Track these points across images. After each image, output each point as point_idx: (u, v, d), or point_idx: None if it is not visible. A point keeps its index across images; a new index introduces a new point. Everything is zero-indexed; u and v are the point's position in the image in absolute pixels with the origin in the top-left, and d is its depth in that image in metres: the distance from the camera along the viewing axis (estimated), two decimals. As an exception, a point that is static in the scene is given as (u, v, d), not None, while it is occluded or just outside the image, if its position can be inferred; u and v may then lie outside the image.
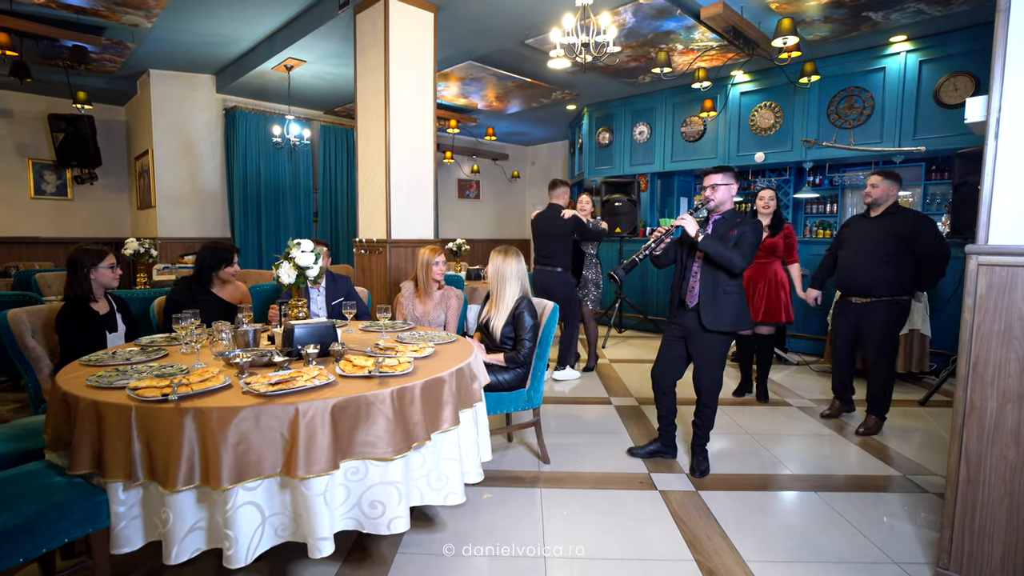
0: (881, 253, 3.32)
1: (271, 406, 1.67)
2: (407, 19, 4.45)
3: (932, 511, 2.51)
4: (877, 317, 3.38)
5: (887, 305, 3.36)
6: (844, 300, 3.60)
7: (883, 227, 3.36)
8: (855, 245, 3.47)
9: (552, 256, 4.52)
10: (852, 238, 3.51)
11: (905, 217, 3.34)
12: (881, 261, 3.33)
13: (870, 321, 3.41)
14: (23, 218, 7.59)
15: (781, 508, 2.56)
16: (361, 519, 1.86)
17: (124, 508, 1.71)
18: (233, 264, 3.12)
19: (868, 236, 3.41)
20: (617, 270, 2.78)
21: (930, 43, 5.24)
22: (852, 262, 3.46)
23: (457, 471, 2.08)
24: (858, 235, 3.48)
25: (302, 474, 1.66)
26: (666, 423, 3.07)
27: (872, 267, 3.35)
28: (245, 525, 1.67)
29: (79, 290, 2.61)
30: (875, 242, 3.35)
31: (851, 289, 3.49)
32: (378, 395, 1.81)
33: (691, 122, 7.11)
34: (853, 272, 3.45)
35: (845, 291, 3.57)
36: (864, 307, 3.43)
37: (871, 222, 3.44)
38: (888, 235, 3.32)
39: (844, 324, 3.59)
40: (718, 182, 2.79)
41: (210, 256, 3.06)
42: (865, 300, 3.42)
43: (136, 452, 1.64)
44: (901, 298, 3.37)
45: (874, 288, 3.36)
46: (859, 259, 3.42)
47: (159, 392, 1.69)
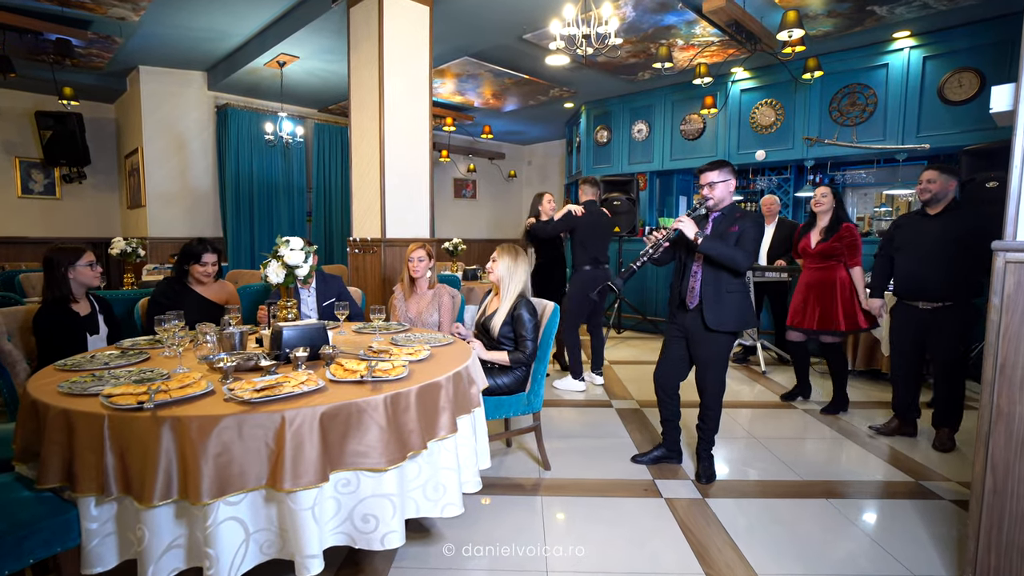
0: (954, 252, 3.05)
1: (255, 414, 1.56)
2: (402, 13, 4.34)
3: (951, 520, 2.42)
4: (952, 321, 3.11)
5: (962, 308, 3.11)
6: (904, 306, 3.31)
7: (944, 226, 3.11)
8: (921, 246, 3.17)
9: (606, 255, 4.45)
10: (913, 239, 3.22)
11: (969, 214, 3.12)
12: (950, 262, 3.06)
13: (943, 326, 3.13)
14: (10, 217, 7.43)
15: (792, 516, 2.46)
16: (353, 534, 1.74)
17: (96, 525, 1.59)
18: (203, 264, 2.98)
19: (933, 235, 3.13)
20: (616, 280, 2.67)
21: (934, 39, 5.16)
22: (918, 265, 3.17)
23: (455, 481, 1.97)
24: (919, 235, 3.20)
25: (289, 487, 1.55)
26: (670, 427, 2.96)
27: (946, 268, 3.07)
28: (227, 542, 1.56)
29: (57, 291, 2.49)
30: (942, 242, 3.08)
31: (920, 294, 3.19)
32: (370, 402, 1.70)
33: (691, 120, 7.02)
34: (920, 275, 3.16)
35: (909, 296, 3.26)
36: (936, 312, 3.16)
37: (932, 221, 3.17)
38: (952, 234, 3.06)
39: (908, 333, 3.28)
40: (715, 179, 2.68)
41: (182, 253, 2.96)
42: (937, 305, 3.15)
43: (109, 464, 1.52)
44: (972, 301, 3.12)
45: (947, 291, 3.10)
46: (927, 260, 3.13)
47: (135, 399, 1.57)
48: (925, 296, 3.19)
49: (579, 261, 4.39)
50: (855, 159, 6.07)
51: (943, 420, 3.24)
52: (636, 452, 3.13)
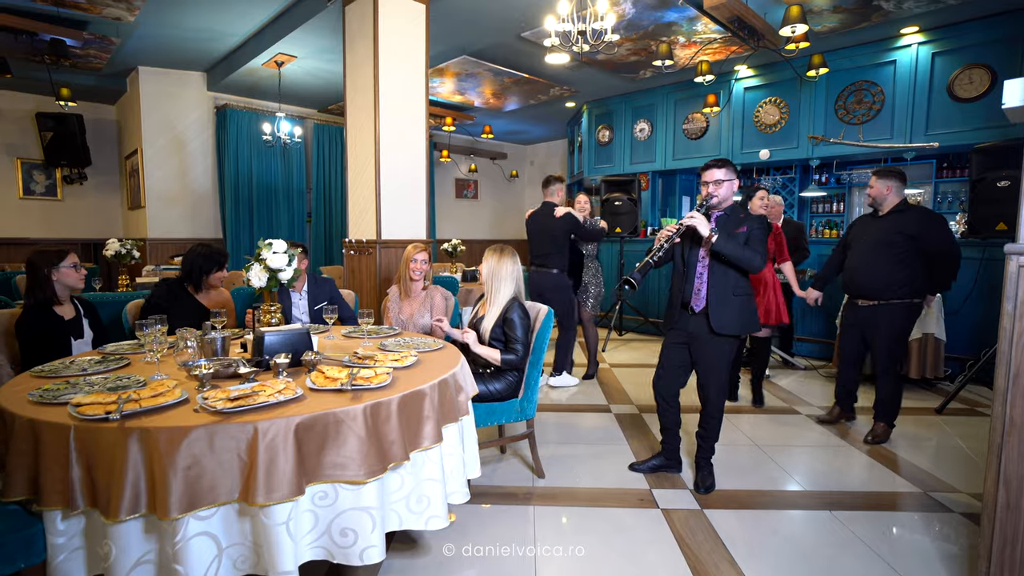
0: (890, 253, 3.18)
1: (227, 425, 1.49)
2: (397, 11, 4.27)
3: (961, 535, 2.32)
4: (886, 320, 3.24)
5: (896, 308, 3.22)
6: (851, 303, 3.47)
7: (890, 226, 3.21)
8: (862, 246, 3.32)
9: (547, 257, 4.32)
10: (859, 238, 3.37)
11: (913, 215, 3.19)
12: (890, 262, 3.19)
13: (879, 324, 3.26)
14: (11, 219, 7.43)
15: (792, 529, 2.37)
16: (331, 548, 1.68)
17: (64, 539, 1.53)
18: (223, 269, 2.95)
19: (876, 236, 3.26)
20: (634, 274, 2.55)
21: (943, 34, 5.04)
22: (859, 263, 3.31)
23: (440, 493, 1.90)
24: (865, 235, 3.33)
25: (262, 501, 1.48)
26: (670, 435, 2.88)
27: (880, 268, 3.21)
28: (198, 559, 1.49)
29: (40, 294, 2.43)
30: (883, 242, 3.20)
31: (858, 291, 3.34)
32: (349, 411, 1.63)
33: (693, 119, 6.92)
34: (860, 273, 3.30)
35: (852, 293, 3.42)
36: (872, 310, 3.29)
37: (878, 221, 3.29)
38: (896, 234, 3.17)
39: (851, 328, 3.46)
40: (721, 177, 2.60)
41: (203, 260, 2.89)
42: (873, 303, 3.28)
43: (75, 477, 1.46)
44: (912, 300, 3.22)
45: (883, 290, 3.22)
46: (867, 260, 3.27)
47: (103, 409, 1.51)
48: (864, 294, 3.31)
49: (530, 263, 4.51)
50: (862, 158, 5.95)
51: (880, 415, 3.37)
52: (634, 459, 3.05)
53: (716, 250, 2.51)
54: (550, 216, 4.32)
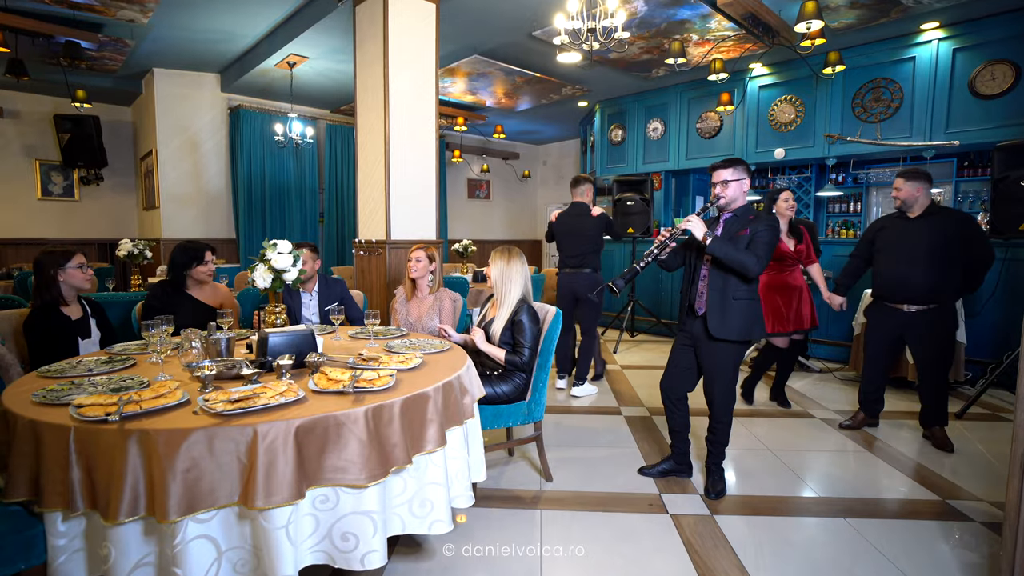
0: (935, 257, 3.06)
1: (227, 428, 1.48)
2: (407, 11, 4.26)
3: (979, 543, 2.25)
4: (934, 325, 3.13)
5: (945, 312, 3.12)
6: (886, 307, 3.29)
7: (929, 229, 3.10)
8: (901, 249, 3.18)
9: (583, 257, 4.26)
10: (895, 242, 3.22)
11: (951, 217, 3.11)
12: (938, 265, 3.06)
13: (927, 329, 3.14)
14: (30, 219, 7.56)
15: (805, 536, 2.31)
16: (332, 552, 1.65)
17: (64, 541, 1.53)
18: (205, 263, 2.93)
19: (915, 239, 3.13)
20: (616, 280, 2.51)
21: (965, 30, 4.91)
22: (903, 267, 3.16)
23: (443, 497, 1.87)
24: (902, 238, 3.19)
25: (261, 505, 1.47)
26: (679, 439, 2.83)
27: (930, 272, 3.07)
28: (197, 562, 1.48)
29: (47, 295, 2.45)
30: (925, 245, 3.08)
31: (902, 296, 3.19)
32: (350, 414, 1.61)
33: (707, 118, 6.83)
34: (904, 278, 3.15)
35: (892, 298, 3.25)
36: (919, 315, 3.16)
37: (912, 224, 3.17)
38: (938, 237, 3.06)
39: (886, 333, 3.31)
40: (728, 177, 2.53)
41: (180, 255, 2.89)
42: (921, 308, 3.15)
43: (75, 478, 1.46)
44: (955, 304, 3.16)
45: (931, 294, 3.10)
46: (911, 264, 3.12)
47: (103, 411, 1.50)
48: (910, 299, 3.17)
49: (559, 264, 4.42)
50: (880, 157, 5.83)
51: (934, 420, 3.26)
52: (644, 463, 3.00)
53: (709, 253, 2.46)
54: (584, 216, 4.27)
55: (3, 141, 7.32)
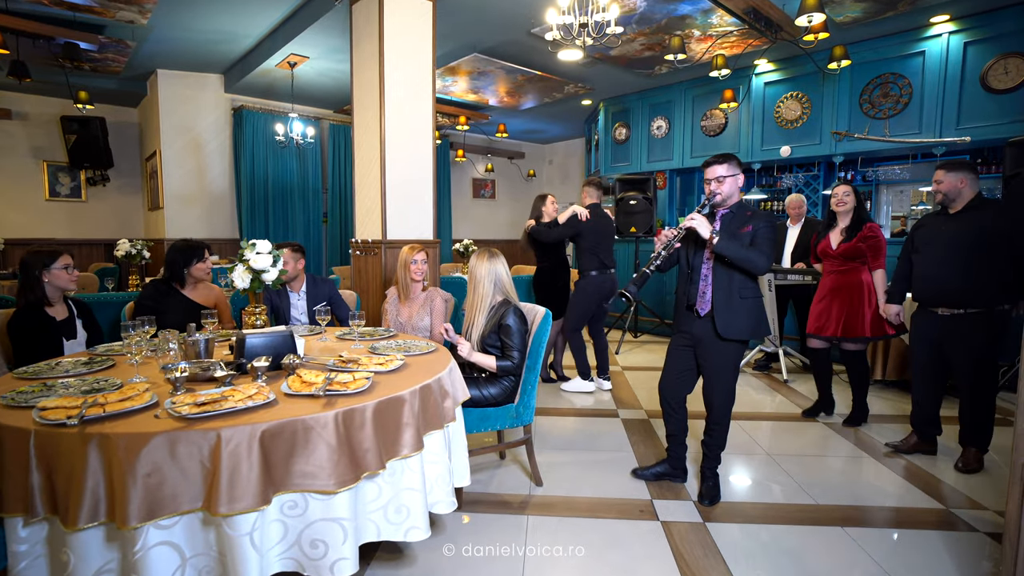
0: (973, 255, 2.81)
1: (190, 432, 1.44)
2: (403, 9, 4.21)
3: (982, 555, 2.15)
4: (972, 330, 2.84)
5: (983, 316, 2.83)
6: (925, 312, 3.04)
7: (970, 224, 2.83)
8: (937, 247, 2.94)
9: (613, 259, 4.38)
10: (931, 240, 2.99)
11: (992, 210, 2.82)
12: (976, 264, 2.80)
13: (963, 335, 2.86)
14: (38, 220, 7.63)
15: (801, 546, 2.22)
16: (301, 560, 1.61)
17: (26, 547, 1.50)
18: (206, 261, 2.92)
19: (953, 236, 2.88)
20: (629, 287, 2.45)
21: (977, 22, 4.77)
22: (936, 267, 2.93)
23: (420, 503, 1.82)
24: (939, 236, 2.95)
25: (224, 511, 1.42)
26: (675, 443, 2.76)
27: (963, 271, 2.82)
28: (159, 569, 1.44)
29: (31, 295, 2.44)
30: (963, 242, 2.84)
31: (937, 299, 2.95)
32: (318, 418, 1.56)
33: (712, 115, 6.73)
34: (938, 278, 2.92)
35: (928, 301, 3.01)
36: (956, 320, 2.89)
37: (952, 220, 2.91)
38: (974, 232, 2.81)
39: (927, 341, 3.02)
40: (723, 173, 2.48)
41: (180, 254, 2.87)
42: (958, 311, 2.88)
43: (35, 483, 1.43)
44: (1001, 307, 2.84)
45: (970, 297, 2.83)
46: (945, 263, 2.89)
47: (66, 414, 1.47)
48: (944, 301, 2.93)
49: (586, 266, 4.28)
50: (888, 154, 5.70)
51: (969, 439, 2.95)
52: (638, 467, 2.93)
53: (718, 252, 2.39)
54: (606, 218, 4.39)
55: (11, 142, 7.39)
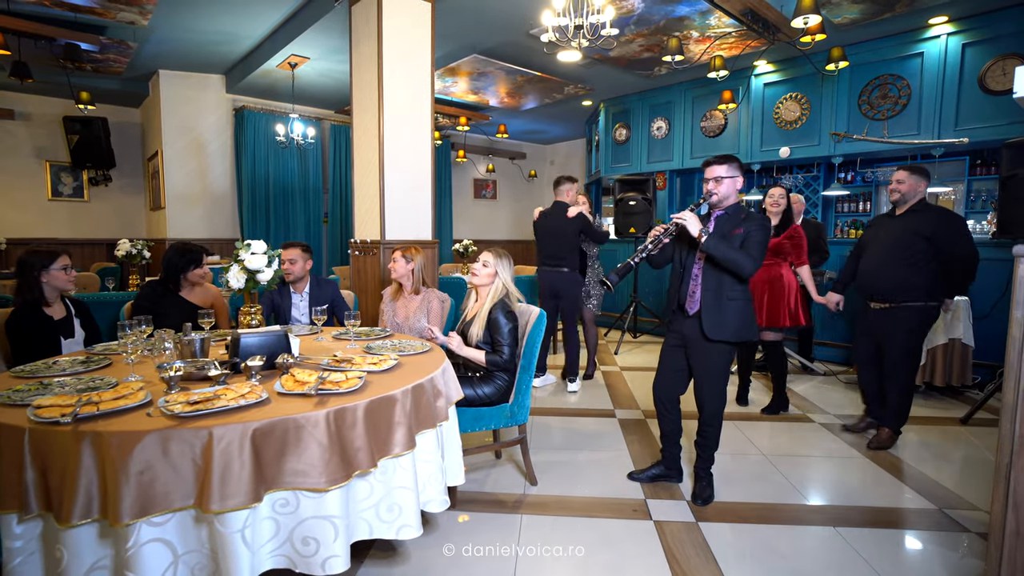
0: (905, 255, 3.06)
1: (182, 430, 1.46)
2: (402, 10, 4.23)
3: (972, 554, 2.16)
4: (898, 324, 3.10)
5: (909, 311, 3.09)
6: (864, 306, 3.34)
7: (906, 226, 3.09)
8: (877, 246, 3.21)
9: (560, 257, 4.34)
10: (874, 238, 3.25)
11: (930, 215, 3.05)
12: (903, 263, 3.06)
13: (890, 328, 3.13)
14: (41, 219, 7.67)
15: (792, 546, 2.23)
16: (293, 557, 1.63)
17: (20, 543, 1.51)
18: (202, 266, 2.95)
19: (890, 236, 3.15)
20: (610, 275, 2.48)
21: (975, 24, 4.77)
22: (873, 264, 3.20)
23: (412, 501, 1.83)
24: (880, 235, 3.22)
25: (216, 508, 1.44)
26: (669, 443, 2.76)
27: (894, 269, 3.09)
28: (151, 566, 1.46)
29: (29, 295, 2.46)
30: (898, 242, 3.08)
31: (871, 293, 3.22)
32: (309, 417, 1.58)
33: (712, 116, 6.73)
34: (873, 275, 3.19)
35: (865, 295, 3.30)
36: (884, 313, 3.16)
37: (894, 221, 3.18)
38: (912, 235, 3.04)
39: (863, 331, 3.34)
40: (722, 174, 2.48)
41: (177, 258, 2.90)
42: (885, 305, 3.15)
43: (29, 480, 1.45)
44: (926, 304, 3.08)
45: (896, 292, 3.09)
46: (880, 261, 3.16)
47: (60, 412, 1.49)
48: (876, 296, 3.19)
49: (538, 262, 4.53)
50: (887, 155, 5.69)
51: (886, 419, 3.23)
52: (634, 467, 2.95)
53: (704, 251, 2.40)
54: (562, 216, 4.36)
55: (14, 143, 7.43)
